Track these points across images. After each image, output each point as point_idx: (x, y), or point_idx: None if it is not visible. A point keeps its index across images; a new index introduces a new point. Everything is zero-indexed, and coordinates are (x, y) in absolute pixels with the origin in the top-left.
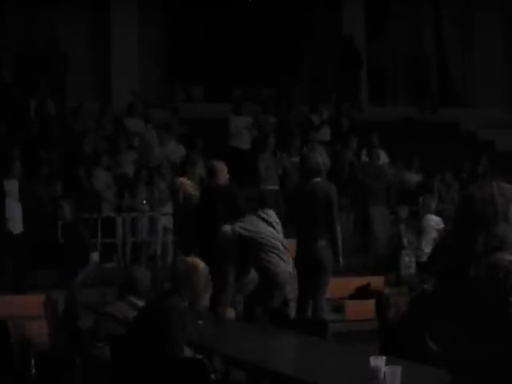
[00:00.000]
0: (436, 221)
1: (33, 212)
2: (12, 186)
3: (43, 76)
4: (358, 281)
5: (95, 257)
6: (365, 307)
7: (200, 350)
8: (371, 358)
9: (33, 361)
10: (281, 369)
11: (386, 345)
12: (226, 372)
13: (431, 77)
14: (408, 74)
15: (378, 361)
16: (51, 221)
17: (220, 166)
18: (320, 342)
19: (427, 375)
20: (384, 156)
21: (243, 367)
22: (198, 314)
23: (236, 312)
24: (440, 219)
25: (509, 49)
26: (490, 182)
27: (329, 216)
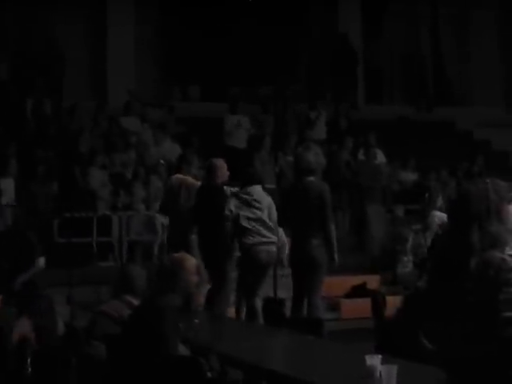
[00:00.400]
0: (440, 217)
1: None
2: (8, 185)
3: (40, 76)
4: (354, 279)
5: (41, 262)
6: (361, 306)
7: (196, 349)
8: (367, 357)
9: (28, 359)
10: (277, 368)
11: (382, 343)
12: (223, 371)
13: (427, 76)
14: (404, 73)
15: (374, 359)
16: (46, 220)
17: (219, 164)
18: (315, 341)
19: (423, 374)
20: (381, 155)
21: (240, 366)
22: (194, 313)
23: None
24: (444, 215)
25: (505, 48)
26: (485, 180)
27: (322, 215)
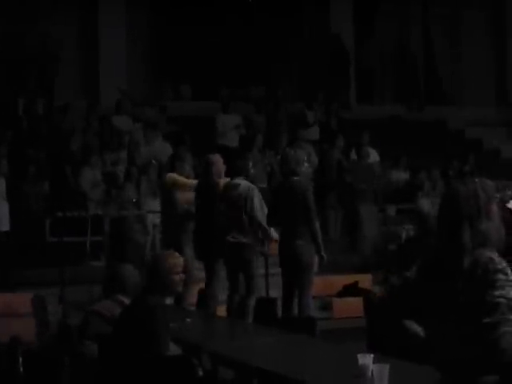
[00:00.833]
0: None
1: (20, 210)
2: None
3: (32, 75)
4: (346, 279)
5: None
6: (353, 305)
7: (188, 348)
8: (359, 356)
9: (20, 359)
10: (268, 367)
11: (374, 342)
12: (214, 370)
13: (419, 75)
14: (396, 73)
15: (366, 359)
16: (38, 219)
17: (215, 159)
18: (307, 340)
19: (415, 373)
20: (375, 154)
21: (231, 365)
22: (186, 311)
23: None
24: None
25: (496, 47)
26: (474, 179)
27: (306, 213)
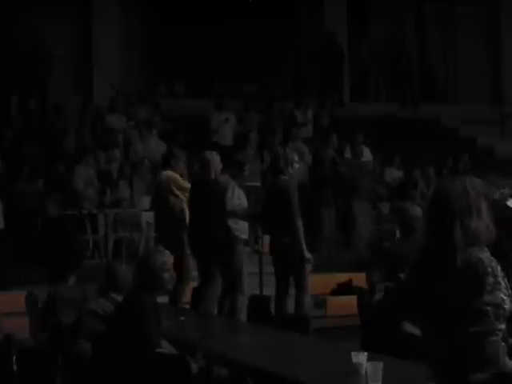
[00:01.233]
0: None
1: (14, 208)
2: None
3: (25, 74)
4: (340, 277)
5: None
6: (346, 303)
7: (182, 347)
8: (353, 354)
9: (14, 358)
10: (263, 365)
11: (368, 340)
12: (208, 368)
13: (413, 73)
14: (390, 71)
15: (360, 357)
16: (33, 217)
17: (212, 157)
18: (301, 338)
19: (409, 371)
20: (368, 153)
21: (225, 364)
22: (180, 310)
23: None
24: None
25: (490, 45)
26: (463, 177)
27: (290, 214)
